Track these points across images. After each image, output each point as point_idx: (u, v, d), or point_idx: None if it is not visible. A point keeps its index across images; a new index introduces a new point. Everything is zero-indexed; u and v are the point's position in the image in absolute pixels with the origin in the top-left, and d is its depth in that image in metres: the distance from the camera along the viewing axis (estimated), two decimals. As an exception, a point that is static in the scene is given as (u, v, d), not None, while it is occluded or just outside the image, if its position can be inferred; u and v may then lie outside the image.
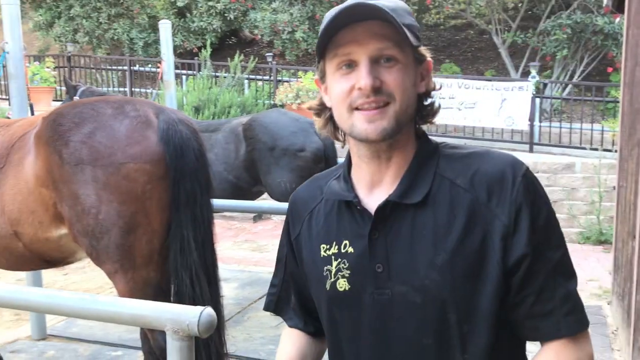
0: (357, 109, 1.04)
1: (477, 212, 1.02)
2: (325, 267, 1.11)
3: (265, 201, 3.88)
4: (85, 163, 2.39)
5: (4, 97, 12.04)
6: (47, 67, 11.34)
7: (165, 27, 5.62)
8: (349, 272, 1.08)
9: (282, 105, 9.27)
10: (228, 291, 4.84)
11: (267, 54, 12.34)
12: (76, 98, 5.04)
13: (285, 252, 1.26)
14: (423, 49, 1.10)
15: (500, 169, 1.04)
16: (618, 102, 7.58)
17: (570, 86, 11.03)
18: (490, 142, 9.25)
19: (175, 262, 2.51)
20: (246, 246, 7.17)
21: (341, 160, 4.48)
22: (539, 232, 1.02)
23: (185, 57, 13.17)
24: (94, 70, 13.04)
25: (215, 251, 2.68)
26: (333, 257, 1.10)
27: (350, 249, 1.08)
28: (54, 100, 11.17)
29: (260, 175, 4.14)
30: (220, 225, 7.31)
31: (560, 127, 9.25)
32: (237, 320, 4.30)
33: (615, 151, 5.61)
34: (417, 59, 1.09)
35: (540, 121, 9.58)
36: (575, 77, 11.30)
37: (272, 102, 10.45)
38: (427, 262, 1.02)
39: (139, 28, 14.10)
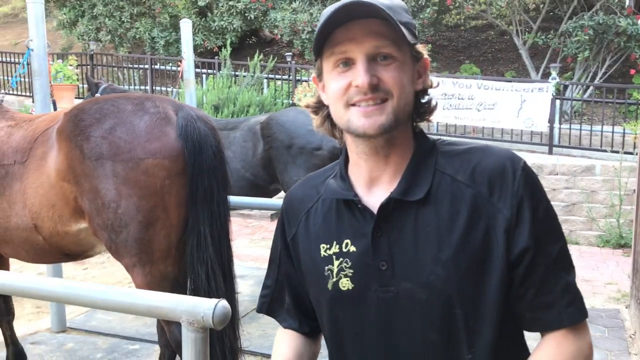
0: (353, 105, 1.05)
1: (479, 207, 1.03)
2: (327, 267, 1.11)
3: (282, 199, 3.91)
4: (106, 158, 2.44)
5: (27, 94, 12.26)
6: (70, 65, 11.51)
7: (186, 26, 5.68)
8: (352, 271, 1.08)
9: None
10: (244, 288, 4.88)
11: (287, 54, 12.39)
12: (98, 95, 5.13)
13: (280, 252, 1.26)
14: (420, 47, 1.10)
15: (500, 163, 1.05)
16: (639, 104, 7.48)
17: (591, 88, 10.91)
18: (509, 144, 9.18)
19: (191, 257, 2.55)
20: (263, 244, 7.21)
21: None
22: (539, 224, 1.04)
23: (206, 56, 13.28)
24: (115, 69, 13.21)
25: (231, 247, 2.71)
26: (334, 256, 1.10)
27: (352, 248, 1.09)
28: (76, 98, 11.33)
29: (277, 173, 4.17)
30: (237, 223, 7.38)
31: (581, 129, 9.15)
32: (252, 316, 4.33)
33: (636, 154, 5.54)
34: (414, 56, 1.09)
35: (560, 123, 9.48)
36: (597, 78, 11.17)
37: (290, 101, 10.50)
38: (431, 258, 1.03)
39: (160, 27, 14.24)
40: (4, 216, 2.69)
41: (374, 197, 1.09)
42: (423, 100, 1.13)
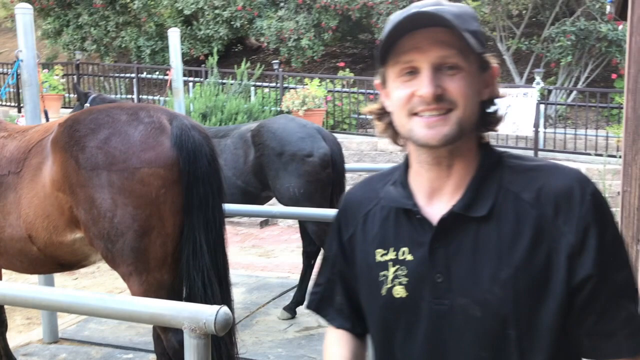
0: (416, 114, 1.03)
1: (543, 229, 1.01)
2: (382, 273, 1.10)
3: (274, 206, 3.94)
4: (101, 168, 2.45)
5: (12, 104, 12.17)
6: (56, 75, 11.48)
7: (174, 35, 5.71)
8: (406, 279, 1.07)
9: (289, 112, 9.35)
10: (236, 296, 4.87)
11: (274, 61, 12.44)
12: (87, 105, 5.13)
13: (334, 252, 1.24)
14: (488, 56, 1.08)
15: (568, 185, 1.02)
16: (622, 108, 7.60)
17: (574, 92, 11.08)
18: (495, 148, 9.29)
19: (187, 265, 2.57)
20: (253, 252, 7.22)
21: (347, 165, 4.46)
22: (605, 252, 1.01)
23: (192, 64, 13.28)
24: (101, 78, 13.17)
25: (226, 254, 2.73)
26: (390, 263, 1.09)
27: (409, 257, 1.08)
28: (62, 108, 11.30)
29: (268, 180, 4.20)
30: (227, 231, 7.36)
31: (565, 133, 9.29)
32: (245, 324, 4.35)
33: (620, 157, 5.64)
34: (481, 65, 1.07)
35: (545, 127, 9.62)
36: (580, 83, 11.34)
37: (278, 108, 10.54)
38: (489, 276, 1.01)
39: (146, 36, 14.23)
40: (-2, 227, 2.70)
41: (434, 208, 1.08)
42: (490, 110, 1.11)
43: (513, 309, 1.00)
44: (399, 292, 1.08)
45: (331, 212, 3.77)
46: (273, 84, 11.39)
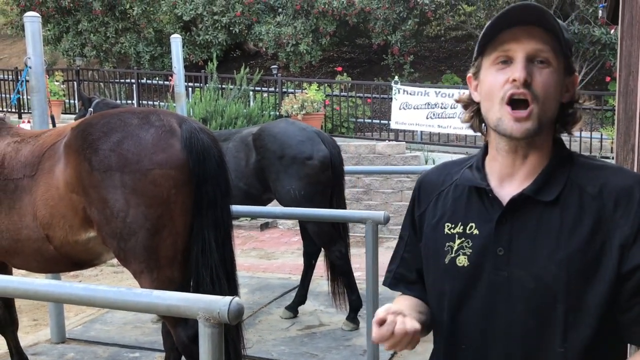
0: (508, 104, 1.16)
1: (602, 220, 1.13)
2: (448, 244, 1.24)
3: (277, 207, 4.03)
4: (114, 169, 2.56)
5: (13, 110, 12.25)
6: (56, 81, 11.58)
7: (176, 42, 5.84)
8: (470, 250, 1.21)
9: (288, 116, 9.45)
10: (239, 296, 4.99)
11: (273, 66, 12.56)
12: (90, 110, 5.24)
13: (408, 230, 1.38)
14: (572, 63, 1.21)
15: (630, 185, 1.14)
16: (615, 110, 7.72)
17: (569, 95, 11.19)
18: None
19: (197, 262, 2.67)
20: (254, 254, 7.31)
21: (346, 167, 4.58)
22: None
23: (191, 69, 13.38)
24: (101, 84, 13.27)
25: (233, 252, 2.84)
26: (457, 235, 1.24)
27: (476, 231, 1.21)
28: (63, 113, 11.39)
29: (270, 182, 4.30)
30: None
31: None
32: (249, 323, 4.44)
33: (613, 158, 5.76)
34: (566, 69, 1.20)
35: (540, 130, 9.71)
36: (575, 86, 11.47)
37: (277, 113, 10.64)
38: (547, 254, 1.13)
39: (145, 42, 14.34)
40: (14, 229, 2.80)
41: (504, 190, 1.21)
42: (568, 112, 1.24)
43: (564, 286, 1.12)
44: (462, 261, 1.22)
45: (331, 212, 3.89)
46: (272, 89, 11.50)
